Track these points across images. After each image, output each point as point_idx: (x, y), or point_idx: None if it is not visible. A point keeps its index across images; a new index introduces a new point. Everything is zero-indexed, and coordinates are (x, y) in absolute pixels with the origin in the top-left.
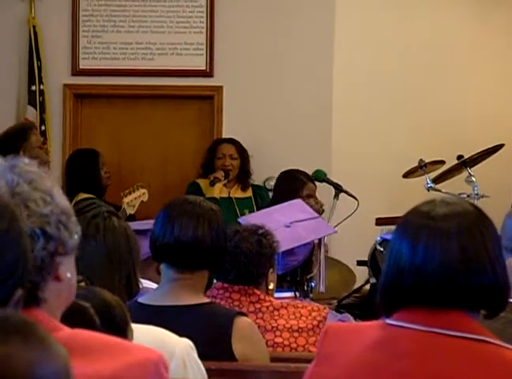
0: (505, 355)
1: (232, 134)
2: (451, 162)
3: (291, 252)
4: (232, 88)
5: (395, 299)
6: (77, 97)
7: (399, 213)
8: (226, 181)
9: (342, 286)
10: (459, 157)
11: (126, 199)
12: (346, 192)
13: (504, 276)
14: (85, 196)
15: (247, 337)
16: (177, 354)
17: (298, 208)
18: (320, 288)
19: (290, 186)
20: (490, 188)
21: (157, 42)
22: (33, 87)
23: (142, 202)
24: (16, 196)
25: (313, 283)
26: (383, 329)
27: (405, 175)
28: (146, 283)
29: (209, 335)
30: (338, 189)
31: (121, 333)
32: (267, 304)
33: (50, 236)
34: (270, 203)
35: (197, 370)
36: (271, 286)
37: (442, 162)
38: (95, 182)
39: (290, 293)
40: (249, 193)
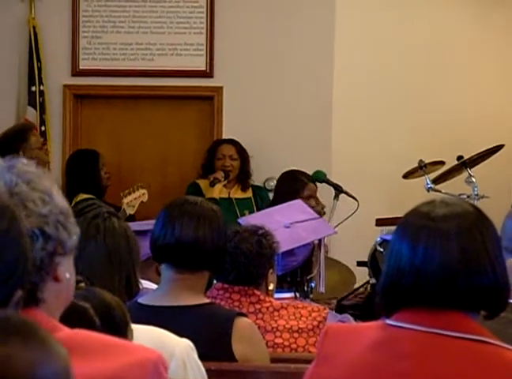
0: (505, 356)
1: (232, 135)
2: (451, 162)
3: (291, 252)
4: (232, 89)
5: (395, 300)
6: (77, 98)
7: (399, 214)
8: (226, 181)
9: (342, 286)
10: (459, 158)
11: (126, 199)
12: (346, 192)
13: (504, 277)
14: (85, 196)
15: (247, 338)
16: (177, 354)
17: (298, 209)
18: (320, 289)
19: (291, 187)
20: (490, 188)
21: (157, 42)
22: (33, 87)
23: (142, 202)
24: (14, 196)
25: (313, 284)
26: (383, 330)
27: (405, 176)
28: (146, 284)
29: (209, 335)
30: (338, 190)
31: (121, 334)
32: (267, 305)
33: (48, 236)
34: (271, 203)
35: (197, 371)
36: (271, 286)
37: (442, 162)
38: (95, 183)
39: (290, 293)
40: (249, 194)
